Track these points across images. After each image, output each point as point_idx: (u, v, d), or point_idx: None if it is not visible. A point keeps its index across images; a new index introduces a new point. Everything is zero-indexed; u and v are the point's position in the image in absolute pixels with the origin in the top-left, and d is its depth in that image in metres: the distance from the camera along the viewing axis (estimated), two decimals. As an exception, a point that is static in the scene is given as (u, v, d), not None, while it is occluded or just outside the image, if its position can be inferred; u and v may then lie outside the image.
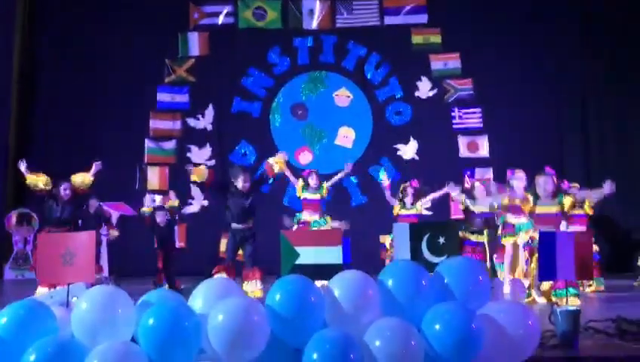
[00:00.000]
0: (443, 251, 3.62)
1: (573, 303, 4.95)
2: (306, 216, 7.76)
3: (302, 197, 7.88)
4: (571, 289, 5.54)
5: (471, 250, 7.00)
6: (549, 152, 9.89)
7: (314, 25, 10.45)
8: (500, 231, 7.36)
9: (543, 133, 9.98)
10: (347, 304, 3.10)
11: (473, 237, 7.20)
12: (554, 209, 5.90)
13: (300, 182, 7.88)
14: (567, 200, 5.89)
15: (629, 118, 9.99)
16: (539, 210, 5.94)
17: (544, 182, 5.95)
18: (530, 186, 6.13)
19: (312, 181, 7.80)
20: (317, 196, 7.82)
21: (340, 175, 8.36)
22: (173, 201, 8.13)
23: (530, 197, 5.99)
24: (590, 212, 7.29)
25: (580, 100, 10.15)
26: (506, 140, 9.94)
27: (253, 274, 6.40)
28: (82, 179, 6.73)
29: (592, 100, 10.11)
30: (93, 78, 10.12)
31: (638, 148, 9.88)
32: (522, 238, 6.60)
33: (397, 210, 7.71)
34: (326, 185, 7.95)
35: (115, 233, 8.06)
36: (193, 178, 6.68)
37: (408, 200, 7.65)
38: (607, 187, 6.11)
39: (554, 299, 5.58)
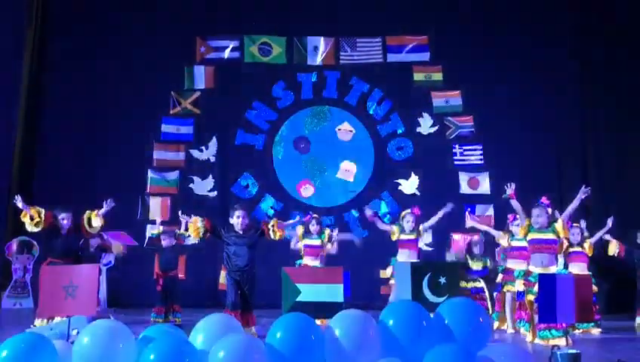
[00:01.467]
0: (444, 291, 3.65)
1: (559, 344, 4.96)
2: (308, 261, 7.56)
3: (302, 244, 7.66)
4: (554, 331, 5.55)
5: (472, 298, 6.95)
6: (549, 189, 9.85)
7: (318, 61, 10.62)
8: (500, 278, 7.39)
9: (542, 170, 10.03)
10: (348, 343, 3.12)
11: (471, 285, 7.23)
12: (549, 236, 6.01)
13: (300, 229, 7.68)
14: (559, 226, 6.02)
15: (629, 159, 10.05)
16: (534, 236, 6.05)
17: (537, 215, 6.07)
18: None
19: (313, 227, 7.61)
20: (318, 242, 7.62)
21: (344, 236, 8.25)
22: (184, 231, 8.18)
23: (526, 225, 6.12)
24: (589, 252, 7.32)
25: (579, 138, 10.24)
26: (506, 177, 9.95)
27: (250, 319, 6.29)
28: (94, 223, 6.71)
29: (592, 138, 10.20)
30: (99, 108, 10.21)
31: (637, 186, 9.91)
32: (519, 287, 6.64)
33: (396, 234, 7.48)
34: (328, 232, 7.75)
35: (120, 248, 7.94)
36: (192, 233, 6.49)
37: (408, 225, 7.44)
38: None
39: (539, 340, 5.68)
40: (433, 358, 3.06)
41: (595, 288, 6.80)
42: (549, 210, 6.24)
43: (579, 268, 7.12)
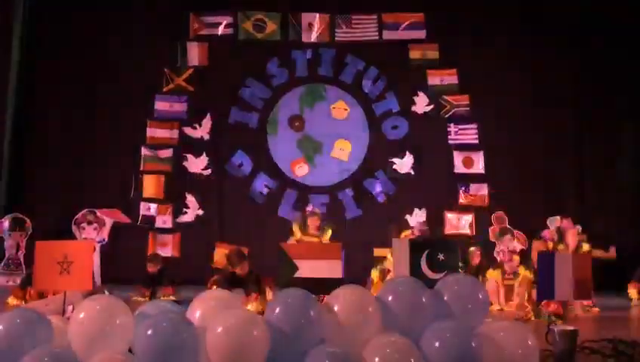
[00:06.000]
0: (442, 268, 3.64)
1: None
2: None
3: (298, 240, 6.70)
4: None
5: None
6: (543, 169, 9.98)
7: (313, 38, 10.48)
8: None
9: (537, 150, 10.03)
10: (347, 319, 3.11)
11: None
12: None
13: (297, 224, 6.82)
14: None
15: (623, 138, 10.08)
16: None
17: None
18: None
19: (313, 222, 6.70)
20: (315, 240, 6.71)
21: None
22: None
23: None
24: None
25: (575, 118, 10.22)
26: (501, 157, 10.01)
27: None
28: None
29: (588, 117, 10.17)
30: (92, 86, 10.09)
31: (630, 168, 9.97)
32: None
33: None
34: (330, 232, 6.81)
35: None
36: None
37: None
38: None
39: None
40: (432, 334, 3.06)
41: None
42: (550, 245, 6.29)
43: None
